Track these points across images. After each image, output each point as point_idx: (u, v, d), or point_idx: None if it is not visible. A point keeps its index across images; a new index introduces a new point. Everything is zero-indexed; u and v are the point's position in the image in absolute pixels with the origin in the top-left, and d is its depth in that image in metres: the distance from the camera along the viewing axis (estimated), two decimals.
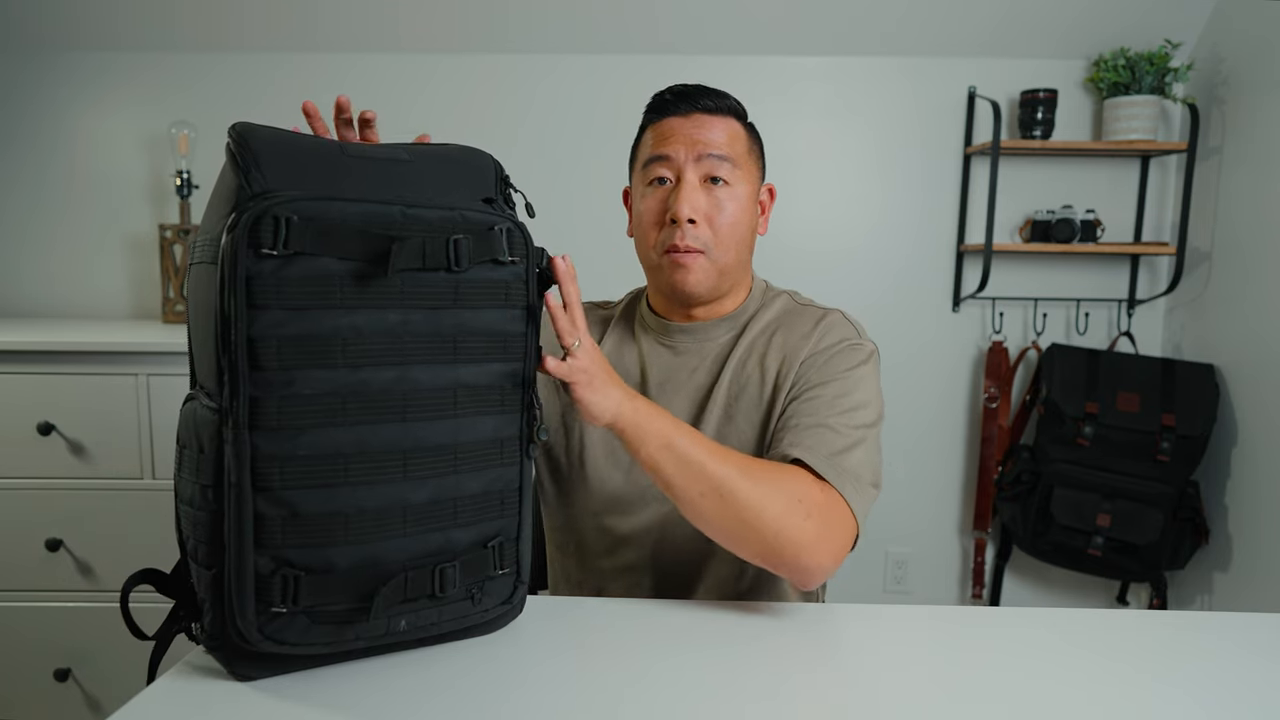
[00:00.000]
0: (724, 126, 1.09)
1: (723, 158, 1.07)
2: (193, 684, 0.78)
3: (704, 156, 1.07)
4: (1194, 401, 2.15)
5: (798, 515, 0.90)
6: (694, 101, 1.09)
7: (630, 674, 0.82)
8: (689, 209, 1.05)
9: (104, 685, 1.97)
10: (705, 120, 1.08)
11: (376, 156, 0.79)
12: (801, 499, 0.92)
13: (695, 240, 1.07)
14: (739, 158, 1.09)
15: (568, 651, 0.87)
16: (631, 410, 0.91)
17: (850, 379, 1.04)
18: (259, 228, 0.70)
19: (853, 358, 1.06)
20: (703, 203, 1.06)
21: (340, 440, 0.73)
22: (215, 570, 0.74)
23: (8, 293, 2.42)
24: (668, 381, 1.15)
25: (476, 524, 0.81)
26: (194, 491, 0.76)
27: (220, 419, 0.72)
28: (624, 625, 0.93)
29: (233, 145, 0.74)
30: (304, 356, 0.72)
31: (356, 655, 0.81)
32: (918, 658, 0.87)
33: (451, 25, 2.29)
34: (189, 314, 0.80)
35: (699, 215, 1.06)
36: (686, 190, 1.06)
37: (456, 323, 0.78)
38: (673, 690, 0.78)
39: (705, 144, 1.07)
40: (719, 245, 1.08)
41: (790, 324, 1.13)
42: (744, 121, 1.13)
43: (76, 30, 2.29)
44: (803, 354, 1.08)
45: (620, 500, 1.14)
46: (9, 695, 1.96)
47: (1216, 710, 0.77)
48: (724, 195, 1.07)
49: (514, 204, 0.88)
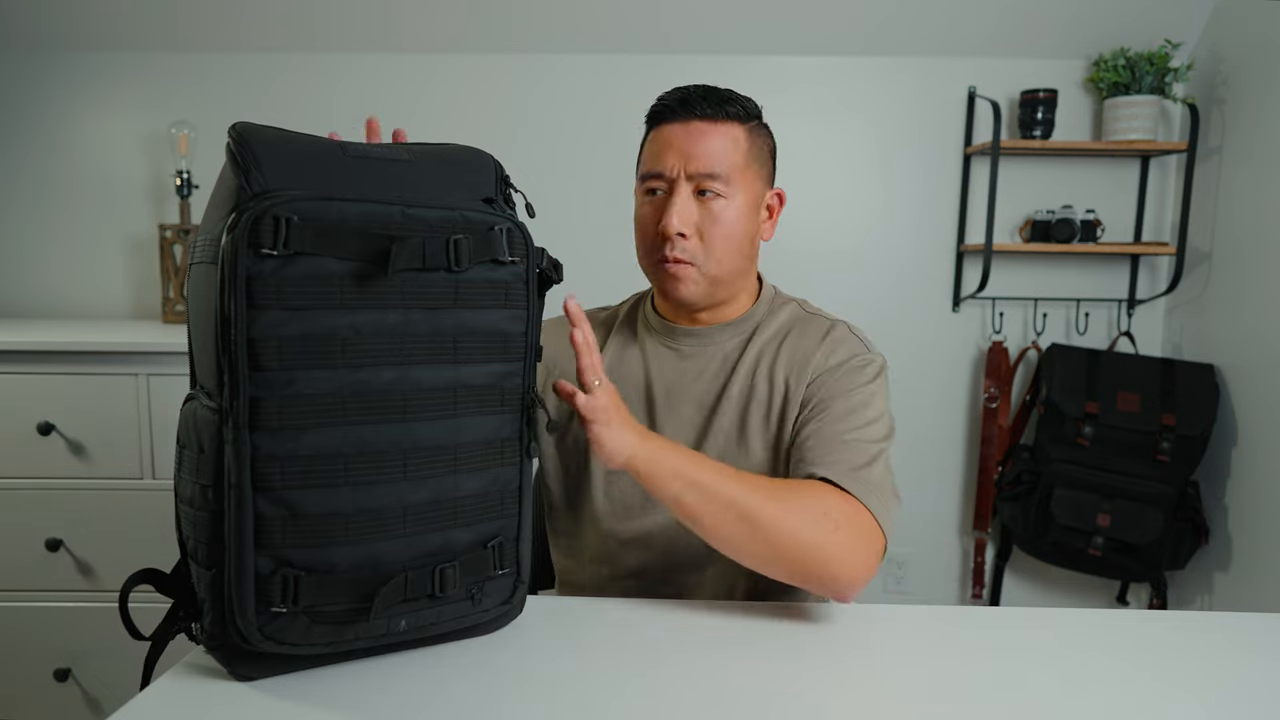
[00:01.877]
0: (722, 135, 1.06)
1: (713, 175, 1.05)
2: (192, 684, 0.78)
3: (697, 171, 1.05)
4: (1194, 401, 2.15)
5: (825, 529, 0.90)
6: (692, 109, 1.06)
7: (632, 675, 0.82)
8: (678, 223, 1.04)
9: (104, 685, 1.97)
10: (703, 129, 1.06)
11: (376, 156, 0.79)
12: (827, 512, 0.92)
13: (684, 253, 1.06)
14: (735, 169, 1.06)
15: (569, 652, 0.87)
16: (646, 450, 0.91)
17: (863, 394, 1.05)
18: (259, 228, 0.70)
19: (863, 374, 1.07)
20: (693, 216, 1.06)
21: (341, 440, 0.73)
22: (215, 570, 0.74)
23: (8, 293, 2.42)
24: (674, 386, 1.14)
25: (476, 524, 0.81)
26: (194, 491, 0.76)
27: (220, 419, 0.72)
28: (625, 626, 0.93)
29: (233, 145, 0.74)
30: (305, 357, 0.72)
31: (356, 655, 0.81)
32: (918, 658, 0.87)
33: (452, 25, 2.29)
34: (189, 314, 0.81)
35: (689, 228, 1.05)
36: (677, 203, 1.05)
37: (456, 323, 0.78)
38: (673, 691, 0.78)
39: (698, 158, 1.05)
40: (710, 257, 1.07)
41: (799, 332, 1.12)
42: (751, 124, 1.09)
43: (76, 30, 2.29)
44: (811, 368, 1.08)
45: (624, 505, 1.14)
46: (9, 695, 1.96)
47: (1216, 710, 0.77)
48: (717, 207, 1.06)
49: (514, 204, 0.88)
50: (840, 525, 0.91)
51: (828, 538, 0.90)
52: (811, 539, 0.90)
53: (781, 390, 1.09)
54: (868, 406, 1.04)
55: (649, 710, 0.75)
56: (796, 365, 1.09)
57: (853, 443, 0.99)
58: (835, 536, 0.90)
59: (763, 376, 1.10)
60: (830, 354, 1.09)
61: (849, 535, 0.91)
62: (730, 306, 1.14)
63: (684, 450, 0.94)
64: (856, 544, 0.91)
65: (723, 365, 1.13)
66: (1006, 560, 2.47)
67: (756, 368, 1.11)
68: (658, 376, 1.15)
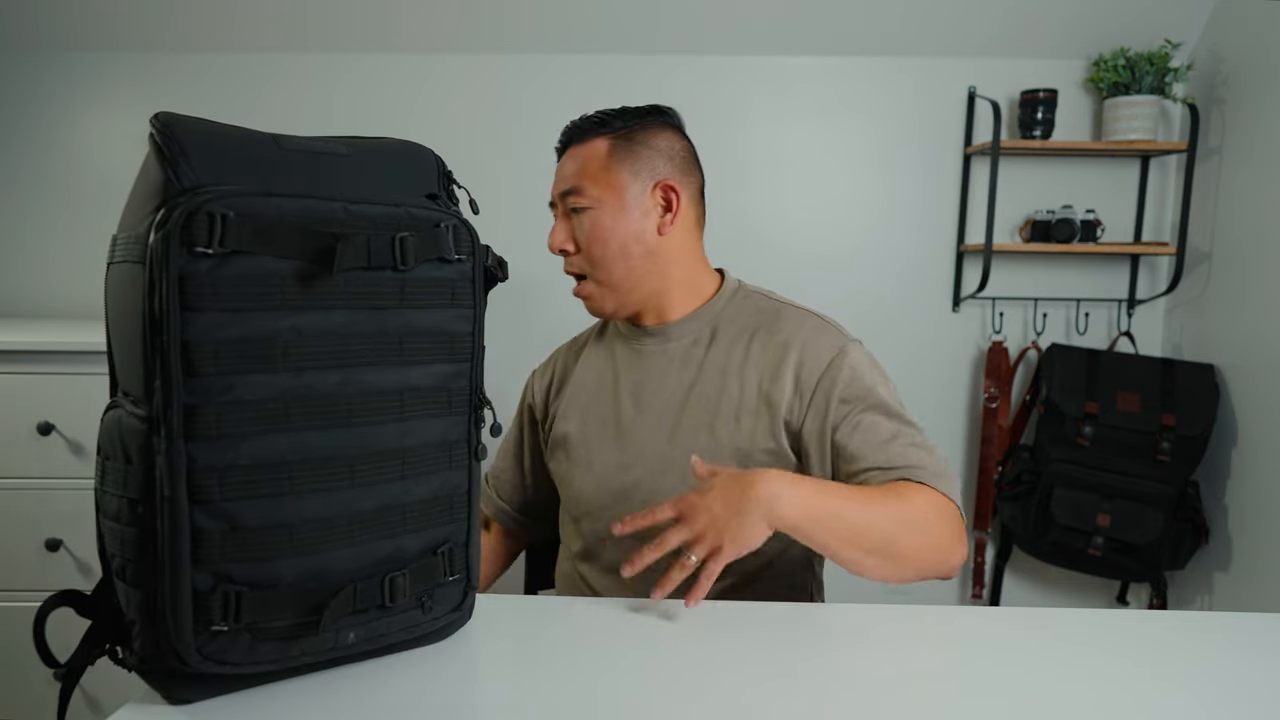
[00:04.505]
0: (580, 155, 1.14)
1: (570, 191, 1.14)
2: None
3: (559, 192, 1.15)
4: (1194, 401, 2.15)
5: (938, 529, 0.98)
6: (567, 141, 1.17)
7: (629, 675, 0.81)
8: (554, 242, 1.15)
9: (104, 685, 1.96)
10: (571, 154, 1.16)
11: (314, 150, 0.75)
12: (929, 508, 0.99)
13: (573, 266, 1.16)
14: (591, 178, 1.13)
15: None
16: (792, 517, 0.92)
17: (872, 383, 1.09)
18: (192, 224, 0.65)
19: (859, 366, 1.10)
20: (567, 232, 1.15)
21: (284, 447, 0.70)
22: (146, 589, 0.69)
23: (8, 293, 2.42)
24: (640, 386, 1.17)
25: (426, 530, 0.79)
26: (120, 506, 0.71)
27: (150, 428, 0.67)
28: (626, 626, 0.93)
29: (157, 136, 0.69)
30: (244, 361, 0.68)
31: (301, 672, 0.77)
32: (918, 658, 0.87)
33: (450, 25, 2.29)
34: (108, 317, 0.76)
35: (568, 245, 1.15)
36: (554, 226, 1.16)
37: (403, 323, 0.76)
38: (673, 691, 0.78)
39: (560, 181, 1.16)
40: (596, 266, 1.14)
41: (769, 330, 1.13)
42: (616, 132, 1.14)
43: (75, 31, 2.29)
44: (790, 374, 1.09)
45: (593, 505, 1.16)
46: (9, 695, 1.96)
47: (1216, 710, 0.77)
48: (585, 219, 1.13)
49: (457, 200, 0.85)
50: (944, 515, 1.00)
51: (942, 533, 0.98)
52: (932, 543, 0.98)
53: (755, 390, 1.10)
54: (883, 394, 1.09)
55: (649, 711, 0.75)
56: (770, 366, 1.10)
57: (900, 438, 1.05)
58: (944, 525, 0.99)
59: (733, 377, 1.12)
60: (812, 354, 1.10)
61: (952, 524, 1.00)
62: (675, 303, 1.17)
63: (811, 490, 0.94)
64: (957, 529, 1.01)
65: (685, 362, 1.15)
66: (1006, 560, 2.47)
67: (726, 367, 1.12)
68: (624, 377, 1.18)
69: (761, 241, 2.39)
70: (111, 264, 0.74)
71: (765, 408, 1.09)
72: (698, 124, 2.45)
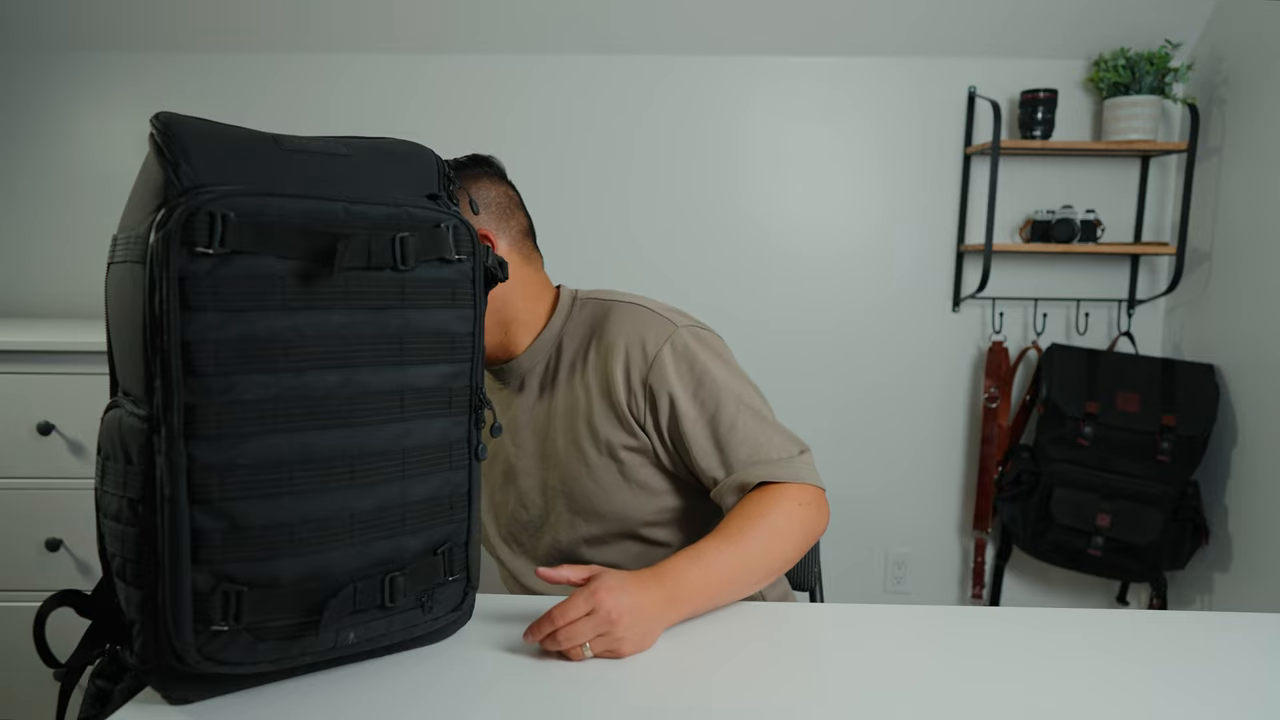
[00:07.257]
0: None
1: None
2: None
3: None
4: (1194, 401, 2.15)
5: (803, 521, 1.00)
6: None
7: (629, 675, 0.81)
8: None
9: None
10: None
11: (314, 150, 0.75)
12: (791, 508, 1.00)
13: None
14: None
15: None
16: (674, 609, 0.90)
17: (703, 369, 1.07)
18: (192, 224, 0.65)
19: (685, 352, 1.07)
20: None
21: (284, 447, 0.70)
22: (147, 589, 0.70)
23: (8, 293, 2.42)
24: (513, 422, 1.17)
25: (425, 530, 0.79)
26: (120, 505, 0.71)
27: (150, 428, 0.68)
28: None
29: (158, 136, 0.69)
30: (244, 360, 0.68)
31: (301, 672, 0.77)
32: (918, 658, 0.87)
33: (451, 25, 2.29)
34: (108, 317, 0.76)
35: None
36: None
37: (403, 323, 0.76)
38: (672, 691, 0.78)
39: None
40: None
41: (600, 332, 1.12)
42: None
43: (77, 30, 2.29)
44: (621, 372, 1.07)
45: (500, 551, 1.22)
46: (9, 695, 1.96)
47: (1216, 710, 0.77)
48: None
49: (457, 201, 0.85)
50: (803, 501, 1.01)
51: (805, 520, 1.00)
52: (804, 535, 1.00)
53: (599, 393, 1.09)
54: (715, 386, 1.06)
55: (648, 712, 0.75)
56: (605, 368, 1.09)
57: (736, 429, 1.04)
58: (811, 524, 1.01)
59: (579, 388, 1.11)
60: (643, 348, 1.08)
61: (812, 508, 1.02)
62: (519, 339, 1.14)
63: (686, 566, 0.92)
64: (820, 507, 1.03)
65: (541, 386, 1.15)
66: (1006, 560, 2.47)
67: (572, 380, 1.12)
68: (504, 420, 1.18)
69: (761, 242, 2.39)
70: (112, 264, 0.75)
71: (611, 409, 1.08)
72: (698, 124, 2.47)
